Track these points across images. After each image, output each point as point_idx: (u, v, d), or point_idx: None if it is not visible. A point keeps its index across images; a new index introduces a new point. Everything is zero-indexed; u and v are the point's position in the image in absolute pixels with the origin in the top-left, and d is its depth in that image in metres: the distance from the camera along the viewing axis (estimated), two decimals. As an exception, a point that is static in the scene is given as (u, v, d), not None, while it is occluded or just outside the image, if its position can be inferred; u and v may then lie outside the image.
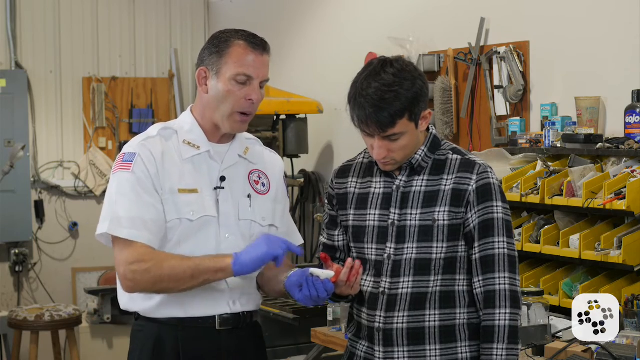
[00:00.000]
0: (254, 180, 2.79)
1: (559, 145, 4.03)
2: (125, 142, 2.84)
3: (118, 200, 2.63)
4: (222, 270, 2.58)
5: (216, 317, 2.70)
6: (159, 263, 2.58)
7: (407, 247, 2.61)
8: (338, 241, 2.77)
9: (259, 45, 2.68)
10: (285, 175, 2.96)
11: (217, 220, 2.69)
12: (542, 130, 4.22)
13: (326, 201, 2.83)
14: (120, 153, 2.70)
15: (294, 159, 5.98)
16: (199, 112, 2.75)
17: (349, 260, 2.58)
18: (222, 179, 2.72)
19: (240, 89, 2.65)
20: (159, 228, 2.63)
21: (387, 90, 2.53)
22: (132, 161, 2.65)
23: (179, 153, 2.70)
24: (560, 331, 3.50)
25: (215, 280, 2.61)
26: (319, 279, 2.55)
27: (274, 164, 2.88)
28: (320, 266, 2.64)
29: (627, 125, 3.80)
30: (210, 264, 2.58)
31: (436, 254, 2.60)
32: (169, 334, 2.69)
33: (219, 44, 2.68)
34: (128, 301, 2.73)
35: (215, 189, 2.70)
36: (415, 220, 2.61)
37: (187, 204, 2.65)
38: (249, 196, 2.75)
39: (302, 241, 2.94)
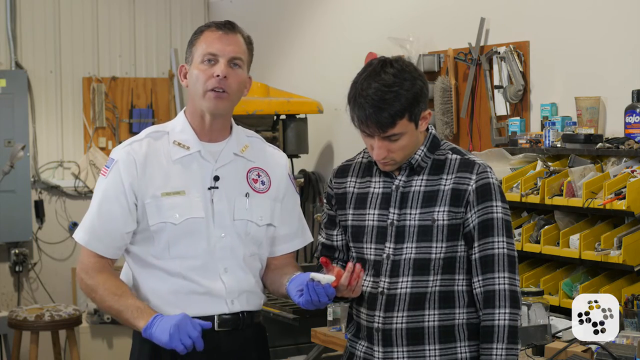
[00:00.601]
0: (253, 179, 2.77)
1: (559, 145, 4.02)
2: (125, 143, 2.86)
3: (91, 205, 2.73)
4: (135, 327, 2.63)
5: (215, 317, 2.69)
6: (96, 288, 2.67)
7: (406, 247, 2.61)
8: (337, 241, 2.77)
9: (223, 25, 2.70)
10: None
11: (207, 221, 2.68)
12: (542, 130, 4.21)
13: (325, 201, 2.83)
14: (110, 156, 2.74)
15: (294, 159, 5.97)
16: (189, 112, 2.76)
17: (350, 264, 2.56)
18: (216, 178, 2.71)
19: (208, 68, 2.66)
20: (117, 239, 2.69)
21: (387, 91, 2.52)
22: (109, 167, 2.69)
23: (168, 154, 2.70)
24: (560, 331, 3.50)
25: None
26: (320, 284, 2.52)
27: (277, 161, 2.85)
28: (320, 269, 2.62)
29: (627, 125, 3.80)
30: (129, 317, 2.62)
31: (435, 253, 2.60)
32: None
33: (192, 36, 2.73)
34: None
35: (209, 188, 2.70)
36: (415, 220, 2.61)
37: (171, 207, 2.66)
38: (246, 195, 2.74)
39: (312, 239, 2.94)
